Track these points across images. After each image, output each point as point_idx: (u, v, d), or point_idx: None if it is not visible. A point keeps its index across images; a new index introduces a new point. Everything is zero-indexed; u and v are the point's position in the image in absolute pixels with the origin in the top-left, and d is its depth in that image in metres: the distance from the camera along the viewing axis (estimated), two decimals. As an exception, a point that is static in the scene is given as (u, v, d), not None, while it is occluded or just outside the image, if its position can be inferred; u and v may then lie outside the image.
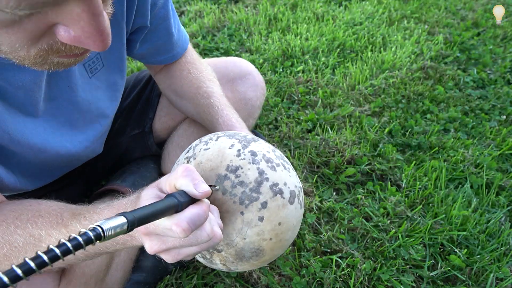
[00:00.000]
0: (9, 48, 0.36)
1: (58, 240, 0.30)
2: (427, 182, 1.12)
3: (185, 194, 0.44)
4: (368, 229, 0.98)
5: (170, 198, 0.42)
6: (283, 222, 0.56)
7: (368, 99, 1.44)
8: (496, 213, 1.04)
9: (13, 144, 0.57)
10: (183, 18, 1.95)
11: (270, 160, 0.58)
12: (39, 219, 0.53)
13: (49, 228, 0.52)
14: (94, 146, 0.76)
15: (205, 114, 0.79)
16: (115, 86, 0.74)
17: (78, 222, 0.51)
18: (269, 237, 0.56)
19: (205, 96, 0.80)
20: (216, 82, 0.84)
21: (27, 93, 0.55)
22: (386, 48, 1.74)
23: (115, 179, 0.90)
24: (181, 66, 0.84)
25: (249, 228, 0.55)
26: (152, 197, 0.45)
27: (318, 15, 1.97)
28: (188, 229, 0.41)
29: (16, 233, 0.52)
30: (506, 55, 1.73)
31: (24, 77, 0.53)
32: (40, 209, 0.55)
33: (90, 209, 0.53)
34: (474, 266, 0.91)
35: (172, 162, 0.92)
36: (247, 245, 0.56)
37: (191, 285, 0.85)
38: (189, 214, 0.42)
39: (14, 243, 0.53)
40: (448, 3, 2.15)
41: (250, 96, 0.93)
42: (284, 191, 0.56)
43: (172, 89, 0.86)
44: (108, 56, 0.68)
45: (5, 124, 0.55)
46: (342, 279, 0.88)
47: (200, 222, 0.43)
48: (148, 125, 0.95)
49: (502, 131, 1.31)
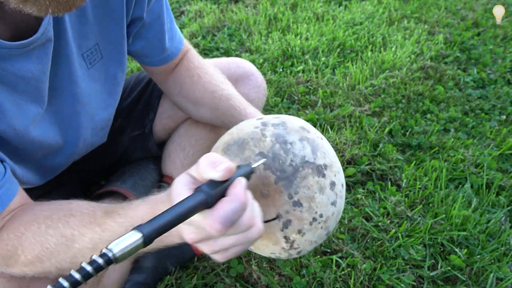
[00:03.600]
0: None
1: (92, 239, 0.29)
2: (427, 182, 1.12)
3: (213, 183, 0.41)
4: (368, 229, 0.98)
5: (197, 194, 0.39)
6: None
7: (368, 99, 1.44)
8: (496, 213, 1.04)
9: (18, 138, 0.57)
10: (183, 18, 1.95)
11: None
12: (71, 218, 0.52)
13: (81, 227, 0.51)
14: (93, 139, 0.75)
15: (227, 117, 0.77)
16: (115, 80, 0.72)
17: (112, 220, 0.50)
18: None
19: (223, 99, 0.78)
20: (229, 83, 0.82)
21: (36, 83, 0.55)
22: (386, 48, 1.74)
23: (115, 180, 0.90)
24: (190, 72, 0.82)
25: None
26: (185, 184, 0.42)
27: (318, 15, 1.97)
28: (222, 229, 0.39)
29: (47, 233, 0.52)
30: (506, 55, 1.73)
31: (32, 67, 0.53)
32: (71, 208, 0.54)
33: (124, 206, 0.52)
34: (474, 266, 0.91)
35: (173, 162, 0.91)
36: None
37: (191, 285, 0.85)
38: (223, 212, 0.39)
39: (45, 244, 0.52)
40: (448, 3, 2.15)
41: (252, 97, 0.92)
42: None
43: (183, 96, 0.83)
44: (107, 47, 0.67)
45: (12, 120, 0.54)
46: (342, 279, 0.88)
47: (237, 216, 0.40)
48: (149, 127, 0.94)
49: (502, 131, 1.31)
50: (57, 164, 0.73)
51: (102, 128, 0.76)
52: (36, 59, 0.53)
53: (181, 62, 0.83)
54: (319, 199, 0.54)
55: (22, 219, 0.54)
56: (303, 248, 0.58)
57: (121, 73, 0.73)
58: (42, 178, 0.73)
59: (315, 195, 0.54)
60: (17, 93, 0.54)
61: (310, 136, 0.57)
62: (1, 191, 0.52)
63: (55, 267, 0.54)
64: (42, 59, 0.54)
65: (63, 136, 0.67)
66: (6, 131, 0.54)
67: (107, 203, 0.84)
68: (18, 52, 0.50)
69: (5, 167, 0.54)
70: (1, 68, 0.50)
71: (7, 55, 0.49)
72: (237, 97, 0.79)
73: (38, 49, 0.53)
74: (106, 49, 0.67)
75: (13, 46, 0.49)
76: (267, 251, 0.59)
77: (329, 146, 0.60)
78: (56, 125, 0.64)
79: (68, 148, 0.70)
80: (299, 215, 0.54)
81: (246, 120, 0.68)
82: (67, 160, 0.74)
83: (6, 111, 0.53)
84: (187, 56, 0.84)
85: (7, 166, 0.54)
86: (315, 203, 0.54)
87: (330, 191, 0.55)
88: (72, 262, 0.53)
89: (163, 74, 0.83)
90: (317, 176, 0.54)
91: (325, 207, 0.55)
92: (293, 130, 0.57)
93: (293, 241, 0.56)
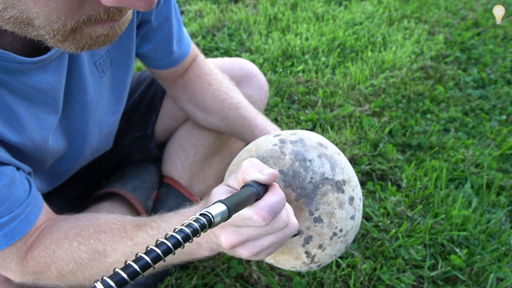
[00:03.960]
0: (44, 21, 0.33)
1: (124, 252, 0.28)
2: (427, 182, 1.12)
3: (257, 184, 0.44)
4: (368, 229, 0.98)
5: (249, 188, 0.42)
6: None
7: (368, 99, 1.44)
8: (496, 213, 1.04)
9: (36, 150, 0.57)
10: (183, 18, 1.95)
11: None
12: (102, 234, 0.53)
13: (113, 242, 0.52)
14: (99, 145, 0.75)
15: (237, 127, 0.77)
16: (124, 85, 0.72)
17: (145, 233, 0.51)
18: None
19: (233, 108, 0.78)
20: (238, 91, 0.82)
21: (54, 93, 0.55)
22: (386, 48, 1.74)
23: (115, 182, 0.90)
24: (201, 79, 0.81)
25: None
26: (224, 193, 0.44)
27: (318, 15, 1.97)
28: (268, 217, 0.41)
29: (80, 250, 0.53)
30: (506, 55, 1.73)
31: (49, 78, 0.53)
32: (100, 224, 0.55)
33: (156, 219, 0.52)
34: (474, 266, 0.91)
35: (173, 163, 0.90)
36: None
37: (191, 285, 0.85)
38: (269, 202, 0.41)
39: (79, 260, 0.53)
40: (448, 3, 2.15)
41: (255, 99, 0.92)
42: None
43: (193, 103, 0.83)
44: (117, 53, 0.66)
45: (32, 133, 0.54)
46: (342, 279, 0.88)
47: (279, 209, 0.42)
48: (150, 129, 0.93)
49: (502, 131, 1.31)
50: (63, 170, 0.73)
51: (108, 133, 0.76)
52: (53, 71, 0.53)
53: (190, 68, 0.82)
54: (339, 215, 0.56)
55: (52, 237, 0.54)
56: (323, 261, 0.59)
57: (129, 79, 0.73)
58: (49, 185, 0.73)
59: (335, 210, 0.56)
60: (36, 105, 0.54)
61: (328, 152, 0.59)
62: (27, 209, 0.52)
63: (88, 280, 0.55)
64: (59, 70, 0.54)
65: (70, 142, 0.67)
66: (26, 144, 0.54)
67: (107, 204, 0.84)
68: (35, 66, 0.50)
69: (30, 183, 0.54)
70: (20, 82, 0.49)
71: (25, 69, 0.49)
72: (246, 106, 0.78)
73: (56, 61, 0.53)
74: (115, 55, 0.66)
75: (33, 61, 0.48)
76: (288, 265, 0.60)
77: (346, 161, 0.61)
78: (64, 132, 0.64)
79: (74, 153, 0.69)
80: (319, 230, 0.55)
81: (262, 136, 0.70)
82: (73, 166, 0.74)
83: (26, 124, 0.53)
84: (196, 61, 0.83)
85: (32, 181, 0.54)
86: (335, 218, 0.56)
87: (349, 205, 0.57)
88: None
89: (171, 78, 0.82)
90: (336, 192, 0.56)
91: (344, 222, 0.57)
92: (311, 147, 0.58)
93: (314, 255, 0.57)
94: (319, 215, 0.55)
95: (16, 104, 0.50)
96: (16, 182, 0.50)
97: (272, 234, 0.44)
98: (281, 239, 0.45)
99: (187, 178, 0.90)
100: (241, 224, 0.42)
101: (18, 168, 0.52)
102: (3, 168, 0.49)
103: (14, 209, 0.50)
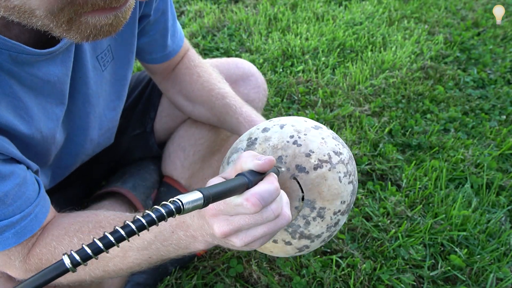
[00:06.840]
0: (45, 11, 0.34)
1: (122, 247, 0.30)
2: (427, 182, 1.12)
3: (253, 173, 0.44)
4: (368, 229, 0.98)
5: (240, 177, 0.43)
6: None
7: (368, 99, 1.44)
8: (496, 213, 1.04)
9: (43, 142, 0.58)
10: (183, 18, 1.95)
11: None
12: (101, 230, 0.54)
13: None
14: (100, 140, 0.76)
15: (223, 115, 0.78)
16: (124, 80, 0.73)
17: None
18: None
19: (220, 97, 0.79)
20: (226, 83, 0.83)
21: (61, 85, 0.56)
22: (386, 48, 1.74)
23: (115, 181, 0.90)
24: (190, 71, 0.82)
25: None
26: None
27: (318, 15, 1.97)
28: (258, 204, 0.41)
29: (80, 246, 0.53)
30: (506, 55, 1.73)
31: (57, 70, 0.53)
32: (100, 220, 0.56)
33: None
34: (474, 266, 0.91)
35: (173, 163, 0.91)
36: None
37: (191, 285, 0.85)
38: (259, 189, 0.42)
39: None
40: (448, 3, 2.15)
41: (253, 97, 0.92)
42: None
43: (182, 95, 0.84)
44: (118, 48, 0.67)
45: (40, 124, 0.55)
46: (342, 279, 0.88)
47: (271, 198, 0.42)
48: (150, 125, 0.94)
49: (502, 131, 1.31)
50: (65, 164, 0.73)
51: (109, 128, 0.76)
52: (61, 63, 0.54)
53: (181, 61, 0.83)
54: (335, 186, 0.55)
55: (53, 234, 0.55)
56: (315, 233, 0.58)
57: (129, 74, 0.73)
58: (52, 181, 0.73)
59: (328, 186, 0.55)
60: (43, 96, 0.54)
61: (323, 132, 0.59)
62: (37, 209, 0.52)
63: (89, 275, 0.56)
64: (66, 63, 0.55)
65: (71, 135, 0.67)
66: (35, 135, 0.55)
67: (107, 203, 0.84)
68: (44, 58, 0.50)
69: (39, 183, 0.54)
70: (28, 73, 0.50)
71: (34, 60, 0.49)
72: (232, 96, 0.79)
73: (63, 54, 0.54)
74: (116, 50, 0.67)
75: (42, 53, 0.49)
76: (279, 249, 0.60)
77: (339, 138, 0.61)
78: (66, 125, 0.65)
79: (75, 147, 0.70)
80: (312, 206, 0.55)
81: (247, 124, 0.71)
82: (74, 160, 0.74)
83: (34, 114, 0.53)
84: (187, 54, 0.84)
85: (40, 181, 0.55)
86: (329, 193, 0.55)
87: (345, 178, 0.56)
88: (105, 271, 0.55)
89: (163, 73, 0.83)
90: (330, 170, 0.55)
91: (345, 192, 0.56)
92: (302, 127, 0.58)
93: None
94: (311, 192, 0.54)
95: (24, 95, 0.51)
96: (27, 182, 0.51)
97: (264, 224, 0.44)
98: (273, 230, 0.45)
99: (186, 177, 0.90)
100: (233, 212, 0.43)
101: (28, 167, 0.53)
102: (15, 168, 0.49)
103: (25, 208, 0.50)
